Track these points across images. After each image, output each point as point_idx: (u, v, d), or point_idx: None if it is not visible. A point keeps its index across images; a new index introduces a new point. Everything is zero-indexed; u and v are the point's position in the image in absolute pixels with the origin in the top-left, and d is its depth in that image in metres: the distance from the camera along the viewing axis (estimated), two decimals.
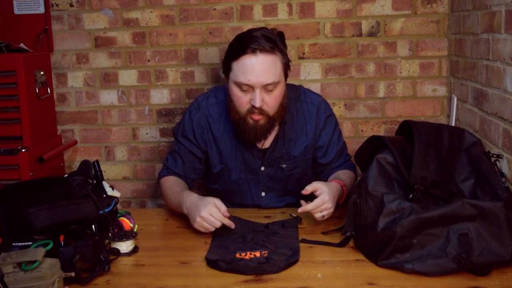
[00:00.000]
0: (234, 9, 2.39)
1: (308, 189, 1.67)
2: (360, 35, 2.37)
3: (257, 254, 1.45)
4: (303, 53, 2.38)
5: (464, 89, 2.12)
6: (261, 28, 1.84)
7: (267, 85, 1.75)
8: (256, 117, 1.78)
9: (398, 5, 2.34)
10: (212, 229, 1.61)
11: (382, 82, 2.40)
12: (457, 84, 2.21)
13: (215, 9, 2.39)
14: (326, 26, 2.37)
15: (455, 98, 2.22)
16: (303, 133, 1.93)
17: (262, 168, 1.94)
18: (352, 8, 2.35)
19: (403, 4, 2.34)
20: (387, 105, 2.42)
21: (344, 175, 1.91)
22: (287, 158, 1.93)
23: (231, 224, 1.62)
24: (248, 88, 1.76)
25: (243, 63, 1.75)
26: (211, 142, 1.94)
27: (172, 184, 1.89)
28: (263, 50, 1.75)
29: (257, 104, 1.75)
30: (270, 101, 1.79)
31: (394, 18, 2.35)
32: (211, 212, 1.60)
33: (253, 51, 1.74)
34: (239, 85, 1.77)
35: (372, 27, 2.36)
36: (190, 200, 1.70)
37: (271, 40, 1.78)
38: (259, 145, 1.91)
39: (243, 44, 1.77)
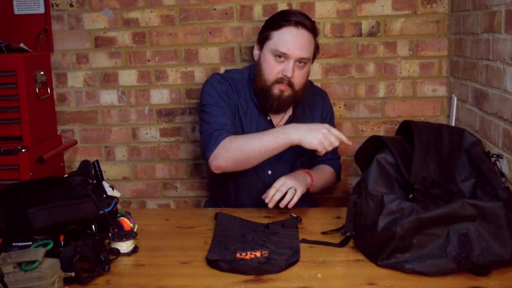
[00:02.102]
0: (234, 9, 2.38)
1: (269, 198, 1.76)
2: (360, 35, 2.37)
3: (258, 254, 1.45)
4: None
5: (464, 89, 2.12)
6: (299, 11, 1.99)
7: (301, 59, 1.86)
8: (283, 87, 1.88)
9: (398, 5, 2.34)
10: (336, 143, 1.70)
11: (382, 82, 2.40)
12: (457, 84, 2.21)
13: (215, 9, 2.39)
14: (326, 26, 2.37)
15: (455, 98, 2.22)
16: (312, 118, 2.04)
17: None
18: (352, 8, 2.35)
19: (403, 4, 2.34)
20: (387, 105, 2.42)
21: (317, 167, 2.01)
22: None
23: (347, 141, 1.73)
24: (283, 58, 1.86)
25: (285, 32, 1.86)
26: (235, 110, 1.98)
27: (241, 135, 1.87)
28: (305, 26, 1.88)
29: (289, 74, 1.85)
30: (299, 77, 1.89)
31: (394, 18, 2.35)
32: (330, 129, 1.71)
33: (296, 24, 1.86)
34: (276, 53, 1.86)
35: (372, 27, 2.36)
36: (295, 125, 1.78)
37: (311, 20, 1.92)
38: (275, 123, 1.99)
39: (287, 16, 1.89)
